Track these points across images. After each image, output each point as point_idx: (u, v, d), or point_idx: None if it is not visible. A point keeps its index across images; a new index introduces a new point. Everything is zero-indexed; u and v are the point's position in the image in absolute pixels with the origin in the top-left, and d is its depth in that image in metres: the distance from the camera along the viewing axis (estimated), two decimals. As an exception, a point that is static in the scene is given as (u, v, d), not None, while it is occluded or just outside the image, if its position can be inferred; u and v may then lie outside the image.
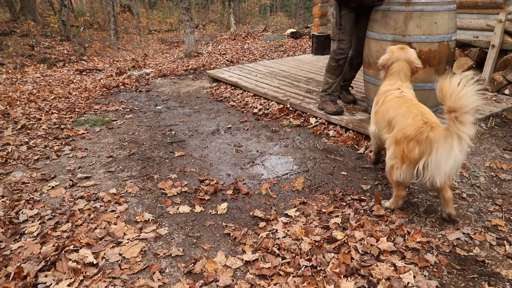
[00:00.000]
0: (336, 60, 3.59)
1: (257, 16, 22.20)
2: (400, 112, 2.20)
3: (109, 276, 1.89)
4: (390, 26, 3.19)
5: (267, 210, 2.45)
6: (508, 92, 4.23)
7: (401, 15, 3.11)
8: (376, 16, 3.31)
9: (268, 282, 1.82)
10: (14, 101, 5.13)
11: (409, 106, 2.21)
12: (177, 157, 3.31)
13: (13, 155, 3.33)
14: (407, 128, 2.08)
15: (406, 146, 2.06)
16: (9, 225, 2.32)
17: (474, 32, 4.93)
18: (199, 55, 9.14)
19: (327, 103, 3.80)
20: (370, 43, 3.41)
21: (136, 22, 17.37)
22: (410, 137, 2.05)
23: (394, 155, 2.16)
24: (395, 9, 3.14)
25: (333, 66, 3.64)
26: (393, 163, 2.17)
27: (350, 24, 3.47)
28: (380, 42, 3.28)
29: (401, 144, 2.10)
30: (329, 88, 3.76)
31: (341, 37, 3.51)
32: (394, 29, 3.17)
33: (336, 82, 3.72)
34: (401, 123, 2.14)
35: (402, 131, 2.11)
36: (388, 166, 2.24)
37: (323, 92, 3.83)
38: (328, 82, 3.74)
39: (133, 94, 5.63)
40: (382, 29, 3.25)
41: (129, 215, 2.44)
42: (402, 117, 2.16)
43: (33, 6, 14.42)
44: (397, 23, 3.15)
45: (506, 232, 2.13)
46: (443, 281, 1.80)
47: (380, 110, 2.43)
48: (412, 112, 2.14)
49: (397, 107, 2.25)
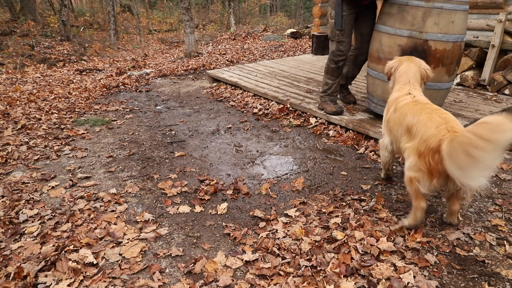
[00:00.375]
0: (336, 62, 3.57)
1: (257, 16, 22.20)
2: (421, 119, 2.01)
3: (109, 276, 1.89)
4: (407, 21, 3.10)
5: (267, 210, 2.45)
6: (508, 92, 4.23)
7: (420, 10, 3.03)
8: (391, 10, 3.21)
9: (268, 282, 1.82)
10: (14, 101, 5.13)
11: (430, 112, 2.03)
12: (177, 157, 3.31)
13: (13, 155, 3.33)
14: (431, 140, 1.89)
15: (432, 159, 1.88)
16: (9, 225, 2.32)
17: (474, 32, 4.93)
18: (199, 55, 9.14)
19: (327, 103, 3.82)
20: (382, 37, 3.30)
21: (136, 22, 17.37)
22: (434, 149, 1.86)
23: (417, 167, 1.97)
24: (413, 4, 3.04)
25: (332, 68, 3.62)
26: (416, 176, 1.98)
27: (350, 25, 3.45)
28: (394, 37, 3.19)
29: (425, 157, 1.91)
30: (329, 89, 3.77)
31: (341, 38, 3.46)
32: (411, 25, 3.08)
33: (336, 83, 3.72)
34: (423, 132, 1.96)
35: (425, 143, 1.92)
36: (408, 177, 2.05)
37: (323, 93, 3.84)
38: (328, 83, 3.75)
39: (133, 94, 5.63)
40: (398, 23, 3.15)
41: (129, 215, 2.44)
42: (424, 125, 1.97)
43: (33, 6, 14.42)
44: (414, 19, 3.05)
45: (506, 232, 2.13)
46: (443, 281, 1.80)
47: (393, 117, 2.26)
48: (435, 121, 1.95)
49: (417, 112, 2.07)
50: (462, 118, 3.53)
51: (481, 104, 3.94)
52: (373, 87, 3.57)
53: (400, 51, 3.15)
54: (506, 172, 2.77)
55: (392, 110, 2.30)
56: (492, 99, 4.08)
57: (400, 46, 3.16)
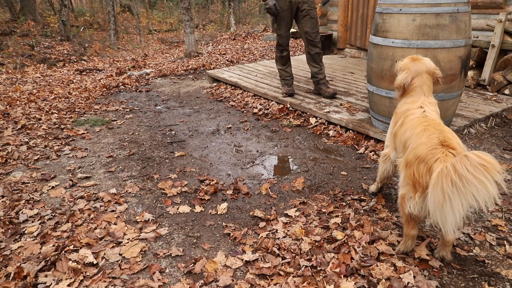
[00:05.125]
0: (280, 51, 4.43)
1: (257, 16, 22.18)
2: (416, 132, 1.83)
3: (109, 276, 1.89)
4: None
5: (267, 210, 2.45)
6: (508, 92, 4.23)
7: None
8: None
9: (268, 282, 1.82)
10: (14, 101, 5.13)
11: (427, 125, 1.83)
12: (177, 157, 3.31)
13: (13, 155, 3.33)
14: (419, 148, 1.70)
15: (417, 169, 1.67)
16: (9, 225, 2.32)
17: (474, 32, 4.92)
18: (199, 55, 9.14)
19: (282, 86, 4.58)
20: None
21: (136, 22, 17.37)
22: (421, 157, 1.66)
23: (405, 181, 1.79)
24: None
25: (278, 56, 4.49)
26: (404, 192, 1.79)
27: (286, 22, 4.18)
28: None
29: (411, 167, 1.72)
30: (281, 75, 4.57)
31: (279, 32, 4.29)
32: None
33: (283, 69, 4.52)
34: (414, 142, 1.78)
35: (413, 151, 1.74)
36: (400, 196, 1.86)
37: (279, 77, 4.63)
38: (279, 70, 4.58)
39: (133, 94, 5.63)
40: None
41: (129, 215, 2.44)
42: (416, 136, 1.80)
43: (33, 6, 14.42)
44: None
45: (506, 232, 2.13)
46: (443, 281, 1.80)
47: (399, 132, 2.04)
48: (428, 130, 1.77)
49: (414, 126, 1.88)
50: (462, 118, 3.53)
51: (481, 104, 3.94)
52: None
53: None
54: (506, 172, 2.77)
55: (400, 124, 2.07)
56: (492, 99, 4.08)
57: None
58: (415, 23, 2.88)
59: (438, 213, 1.51)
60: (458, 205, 1.44)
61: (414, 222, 1.83)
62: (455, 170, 1.41)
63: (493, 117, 3.64)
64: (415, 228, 1.85)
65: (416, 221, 1.83)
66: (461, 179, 1.40)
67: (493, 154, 3.05)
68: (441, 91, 3.00)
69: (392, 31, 3.00)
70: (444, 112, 2.81)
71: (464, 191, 1.41)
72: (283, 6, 4.03)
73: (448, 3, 2.82)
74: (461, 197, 1.42)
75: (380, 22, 3.09)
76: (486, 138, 3.33)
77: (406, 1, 2.88)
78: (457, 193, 1.42)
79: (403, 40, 2.94)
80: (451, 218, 1.48)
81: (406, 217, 1.83)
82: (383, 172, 2.37)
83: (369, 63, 3.28)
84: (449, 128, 1.82)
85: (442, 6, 2.82)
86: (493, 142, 3.25)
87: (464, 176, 1.39)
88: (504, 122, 3.62)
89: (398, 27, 2.96)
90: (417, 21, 2.87)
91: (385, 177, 2.40)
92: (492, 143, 3.23)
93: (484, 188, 1.39)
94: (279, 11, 4.02)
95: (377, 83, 3.20)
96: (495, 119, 3.62)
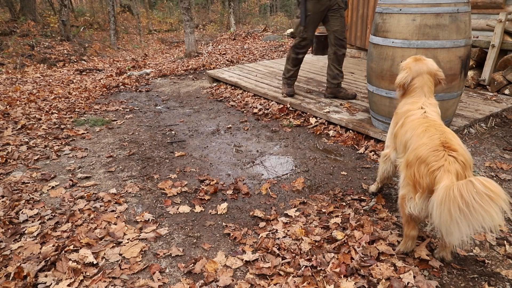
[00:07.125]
0: (296, 53, 4.25)
1: (257, 16, 22.19)
2: (417, 132, 1.83)
3: (109, 276, 1.89)
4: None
5: (267, 210, 2.45)
6: (508, 92, 4.23)
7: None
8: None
9: (268, 282, 1.82)
10: (14, 101, 5.13)
11: (428, 126, 1.83)
12: (177, 157, 3.31)
13: (13, 155, 3.33)
14: (420, 148, 1.71)
15: (417, 170, 1.68)
16: (9, 225, 2.32)
17: (474, 32, 4.92)
18: (199, 55, 9.14)
19: (284, 85, 4.51)
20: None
21: (136, 22, 17.36)
22: (422, 158, 1.67)
23: (405, 182, 1.80)
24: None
25: (293, 57, 4.33)
26: (405, 193, 1.80)
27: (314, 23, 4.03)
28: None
29: (412, 168, 1.72)
30: (288, 73, 4.45)
31: (304, 35, 4.06)
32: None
33: (293, 70, 4.41)
34: (415, 142, 1.79)
35: (414, 152, 1.74)
36: (400, 196, 1.87)
37: (283, 75, 4.53)
38: (288, 69, 4.43)
39: (133, 94, 5.63)
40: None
41: (129, 215, 2.44)
42: (417, 136, 1.80)
43: (33, 6, 14.42)
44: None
45: (506, 232, 2.13)
46: (443, 281, 1.80)
47: (400, 132, 2.04)
48: (429, 131, 1.77)
49: (415, 127, 1.88)
50: (462, 118, 3.53)
51: (481, 104, 3.94)
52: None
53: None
54: (506, 172, 2.77)
55: (400, 124, 2.07)
56: (492, 99, 4.08)
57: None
58: (415, 23, 2.88)
59: (444, 229, 1.54)
60: (465, 228, 1.46)
61: (414, 223, 1.84)
62: (461, 197, 1.42)
63: (493, 117, 3.64)
64: (415, 228, 1.86)
65: (416, 221, 1.83)
66: (468, 207, 1.41)
67: (493, 154, 3.05)
68: (441, 91, 2.99)
69: (392, 31, 3.00)
70: (444, 112, 2.81)
71: (471, 218, 1.43)
72: (320, 8, 3.89)
73: (448, 3, 2.81)
74: (468, 222, 1.44)
75: (380, 22, 3.09)
76: (486, 138, 3.33)
77: (406, 1, 2.88)
78: (464, 219, 1.44)
79: (403, 40, 2.94)
80: (457, 235, 1.50)
81: (406, 217, 1.83)
82: (383, 172, 2.36)
83: (369, 63, 3.29)
84: (450, 129, 1.81)
85: (442, 6, 2.82)
86: (493, 142, 3.25)
87: (471, 204, 1.41)
88: (504, 122, 3.62)
89: (398, 27, 2.96)
90: (417, 21, 2.87)
91: (385, 177, 2.40)
92: (492, 143, 3.23)
93: (490, 218, 1.40)
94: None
95: (377, 83, 3.20)
96: (495, 119, 3.62)
